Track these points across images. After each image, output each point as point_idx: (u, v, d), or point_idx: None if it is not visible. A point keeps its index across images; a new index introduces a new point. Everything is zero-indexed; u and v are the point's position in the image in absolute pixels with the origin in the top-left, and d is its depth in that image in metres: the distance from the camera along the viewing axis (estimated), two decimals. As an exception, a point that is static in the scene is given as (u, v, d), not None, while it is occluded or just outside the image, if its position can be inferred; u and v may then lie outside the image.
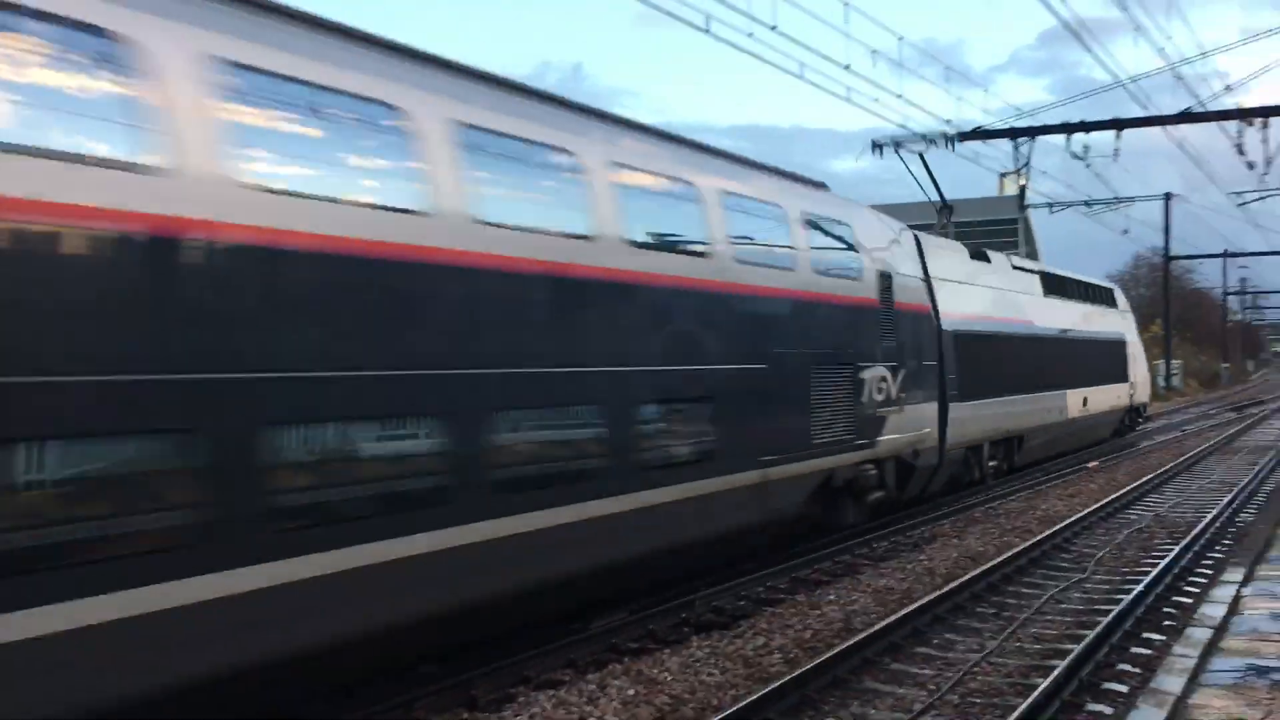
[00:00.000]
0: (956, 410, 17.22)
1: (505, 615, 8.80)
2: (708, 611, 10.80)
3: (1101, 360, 27.94)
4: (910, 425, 15.21)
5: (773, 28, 15.39)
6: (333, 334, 7.05)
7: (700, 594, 11.13)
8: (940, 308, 17.12)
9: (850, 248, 14.12)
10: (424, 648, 8.29)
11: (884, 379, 14.43)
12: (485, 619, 8.54)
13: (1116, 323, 30.57)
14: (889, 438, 14.52)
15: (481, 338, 8.19)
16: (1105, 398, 27.88)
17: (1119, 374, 29.71)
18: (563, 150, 9.41)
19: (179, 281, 6.20)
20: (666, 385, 10.24)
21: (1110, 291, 31.64)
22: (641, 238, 10.19)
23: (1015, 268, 23.22)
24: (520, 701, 8.11)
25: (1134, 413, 32.27)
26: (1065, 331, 24.88)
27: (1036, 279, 24.10)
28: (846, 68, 18.09)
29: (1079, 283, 27.91)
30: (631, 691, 8.27)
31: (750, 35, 15.11)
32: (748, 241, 11.77)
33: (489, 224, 8.29)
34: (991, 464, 19.94)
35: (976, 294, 19.61)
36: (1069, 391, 24.27)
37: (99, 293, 5.80)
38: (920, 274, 16.56)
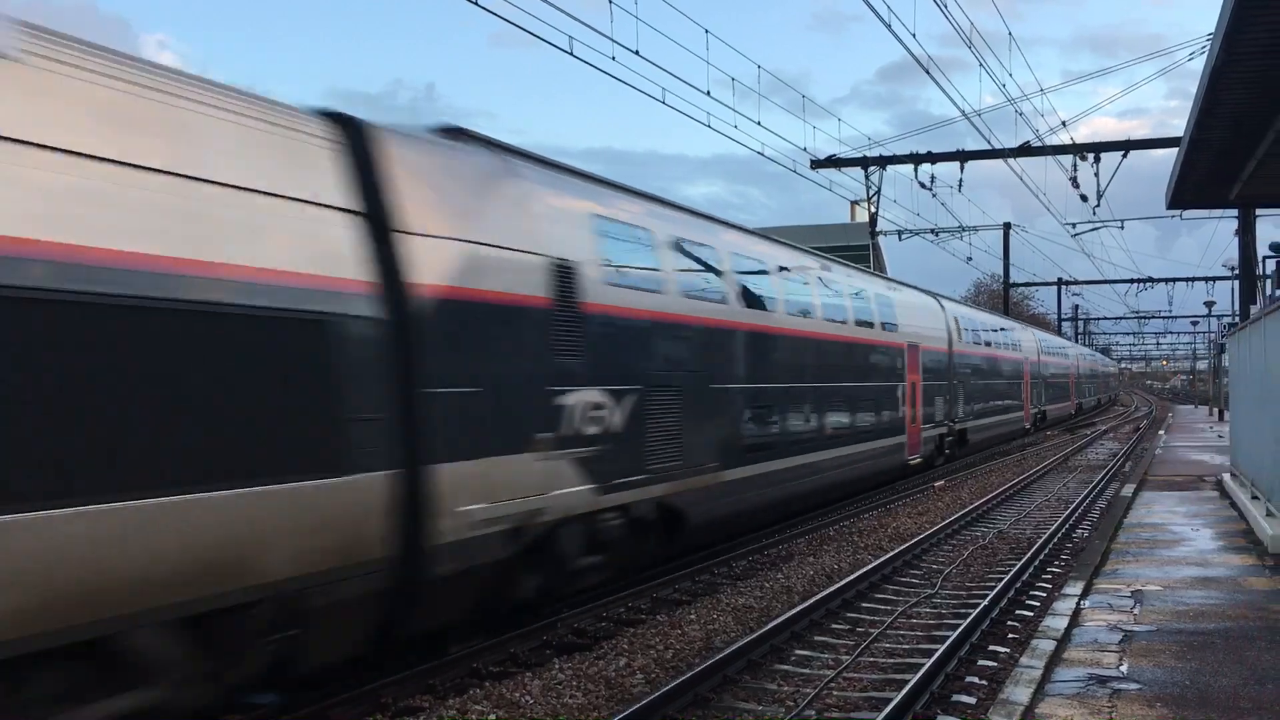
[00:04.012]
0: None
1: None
2: (569, 633, 10.74)
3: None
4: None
5: (635, 51, 15.53)
6: None
7: (562, 616, 11.06)
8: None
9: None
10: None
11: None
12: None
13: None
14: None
15: None
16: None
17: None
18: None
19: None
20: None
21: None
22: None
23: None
24: (378, 729, 7.90)
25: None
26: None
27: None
28: (707, 93, 18.38)
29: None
30: (493, 716, 8.13)
31: (613, 58, 15.23)
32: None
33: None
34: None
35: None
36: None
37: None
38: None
